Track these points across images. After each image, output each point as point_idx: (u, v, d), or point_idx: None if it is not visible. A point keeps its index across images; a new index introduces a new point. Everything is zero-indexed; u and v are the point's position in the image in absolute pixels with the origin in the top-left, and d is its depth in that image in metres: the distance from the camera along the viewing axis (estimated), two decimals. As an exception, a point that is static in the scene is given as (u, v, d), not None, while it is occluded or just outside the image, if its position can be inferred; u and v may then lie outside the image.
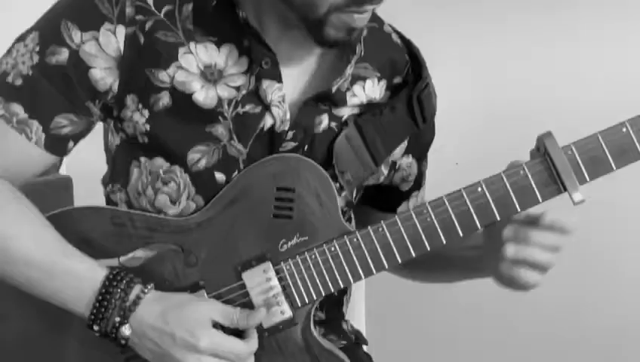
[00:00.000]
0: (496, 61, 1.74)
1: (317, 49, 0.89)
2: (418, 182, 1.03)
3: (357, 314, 1.14)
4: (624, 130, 0.80)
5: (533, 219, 0.82)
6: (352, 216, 1.02)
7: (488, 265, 0.87)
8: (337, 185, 0.90)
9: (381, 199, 1.03)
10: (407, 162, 1.00)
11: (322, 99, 0.89)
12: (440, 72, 1.00)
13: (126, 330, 0.81)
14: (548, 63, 1.69)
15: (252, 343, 0.84)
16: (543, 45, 1.70)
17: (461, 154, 1.69)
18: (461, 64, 1.76)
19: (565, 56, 1.68)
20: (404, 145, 0.97)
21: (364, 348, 1.06)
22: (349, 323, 1.06)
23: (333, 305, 1.01)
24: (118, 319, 0.80)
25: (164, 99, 0.85)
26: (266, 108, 0.87)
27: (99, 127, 0.99)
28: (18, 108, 0.83)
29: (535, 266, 0.82)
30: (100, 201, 1.01)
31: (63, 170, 1.55)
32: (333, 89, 0.88)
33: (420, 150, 1.01)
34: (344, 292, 1.03)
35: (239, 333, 0.84)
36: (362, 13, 0.80)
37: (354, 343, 1.02)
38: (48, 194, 1.02)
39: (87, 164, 1.08)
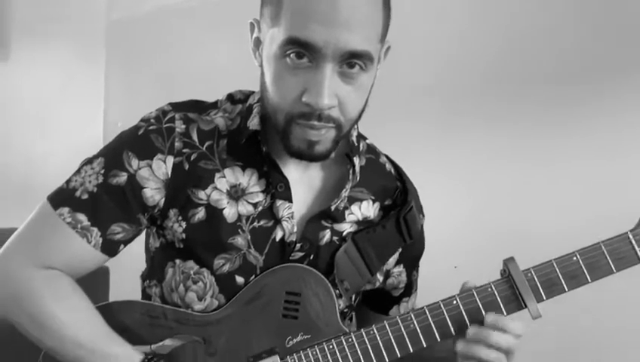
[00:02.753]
0: (496, 180, 1.90)
1: (320, 172, 1.08)
2: (408, 290, 1.20)
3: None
4: (574, 258, 0.96)
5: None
6: (353, 315, 1.18)
7: None
8: (337, 291, 1.06)
9: (376, 302, 1.19)
10: (398, 271, 1.17)
11: (324, 216, 1.07)
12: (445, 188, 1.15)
13: None
14: (544, 184, 1.84)
15: None
16: (539, 166, 1.86)
17: (460, 259, 1.85)
18: (462, 179, 1.94)
19: (564, 176, 1.82)
20: (396, 255, 1.14)
21: None
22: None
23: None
24: None
25: (200, 214, 1.04)
26: (278, 222, 1.05)
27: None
28: (82, 217, 1.02)
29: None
30: (130, 290, 1.18)
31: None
32: (332, 208, 1.06)
33: (409, 261, 1.18)
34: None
35: None
36: (314, 128, 0.94)
37: None
38: (88, 282, 1.18)
39: (122, 257, 1.25)
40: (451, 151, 1.95)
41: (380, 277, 1.14)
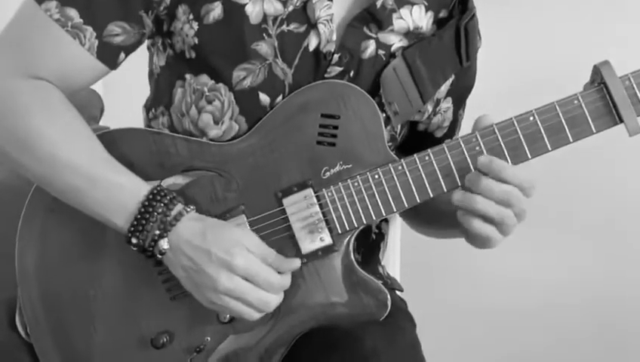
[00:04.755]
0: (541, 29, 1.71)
1: None
2: (452, 130, 1.02)
3: (392, 264, 1.12)
4: (686, 61, 0.78)
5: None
6: None
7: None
8: (384, 115, 0.88)
9: (414, 146, 1.01)
10: (446, 106, 0.98)
11: (367, 19, 0.88)
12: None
13: (164, 244, 0.80)
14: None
15: (286, 279, 0.83)
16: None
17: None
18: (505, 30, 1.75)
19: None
20: (448, 83, 0.95)
21: (399, 294, 1.04)
22: (385, 269, 1.05)
23: (370, 249, 1.00)
24: (157, 232, 0.80)
25: (216, 11, 0.85)
26: (312, 27, 0.86)
27: (137, 85, 0.99)
28: (73, 13, 0.83)
29: (485, 218, 0.80)
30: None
31: (103, 123, 1.56)
32: (378, 4, 0.87)
33: (458, 95, 0.99)
34: (381, 238, 1.02)
35: None
36: None
37: (389, 287, 1.01)
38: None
39: (126, 118, 1.07)
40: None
41: (429, 108, 0.96)
